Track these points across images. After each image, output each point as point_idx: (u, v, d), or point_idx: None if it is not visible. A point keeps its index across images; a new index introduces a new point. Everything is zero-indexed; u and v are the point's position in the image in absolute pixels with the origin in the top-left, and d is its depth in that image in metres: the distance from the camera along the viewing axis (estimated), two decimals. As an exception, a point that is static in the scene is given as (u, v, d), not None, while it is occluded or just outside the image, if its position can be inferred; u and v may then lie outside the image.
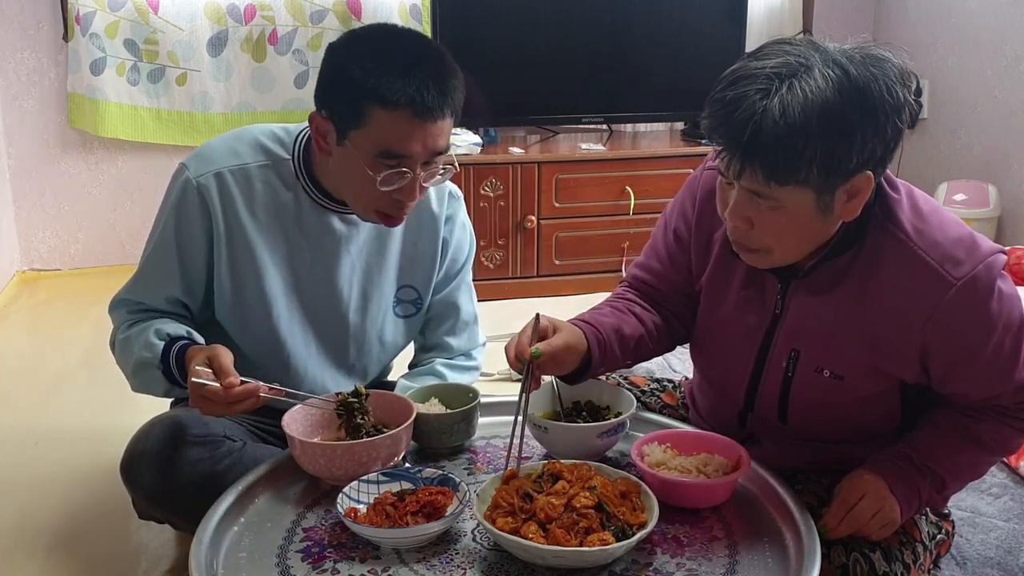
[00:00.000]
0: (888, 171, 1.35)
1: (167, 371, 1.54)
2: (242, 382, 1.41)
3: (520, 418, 1.39)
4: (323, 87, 1.52)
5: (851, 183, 1.24)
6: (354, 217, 1.64)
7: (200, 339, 1.58)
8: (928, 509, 1.53)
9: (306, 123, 1.59)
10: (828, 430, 1.48)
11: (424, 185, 1.53)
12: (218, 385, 1.39)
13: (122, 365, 1.65)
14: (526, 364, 1.37)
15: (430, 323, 1.85)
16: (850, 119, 1.18)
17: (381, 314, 1.75)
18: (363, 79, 1.44)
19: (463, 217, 1.81)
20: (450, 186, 1.75)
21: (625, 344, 1.51)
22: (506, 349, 1.41)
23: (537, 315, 1.42)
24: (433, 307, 1.82)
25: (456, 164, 1.57)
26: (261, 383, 1.43)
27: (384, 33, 1.53)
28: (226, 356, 1.43)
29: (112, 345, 1.68)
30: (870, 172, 1.23)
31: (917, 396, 1.44)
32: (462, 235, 1.81)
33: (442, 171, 1.54)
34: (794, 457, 1.52)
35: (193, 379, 1.39)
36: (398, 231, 1.71)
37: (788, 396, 1.45)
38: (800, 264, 1.37)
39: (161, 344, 1.54)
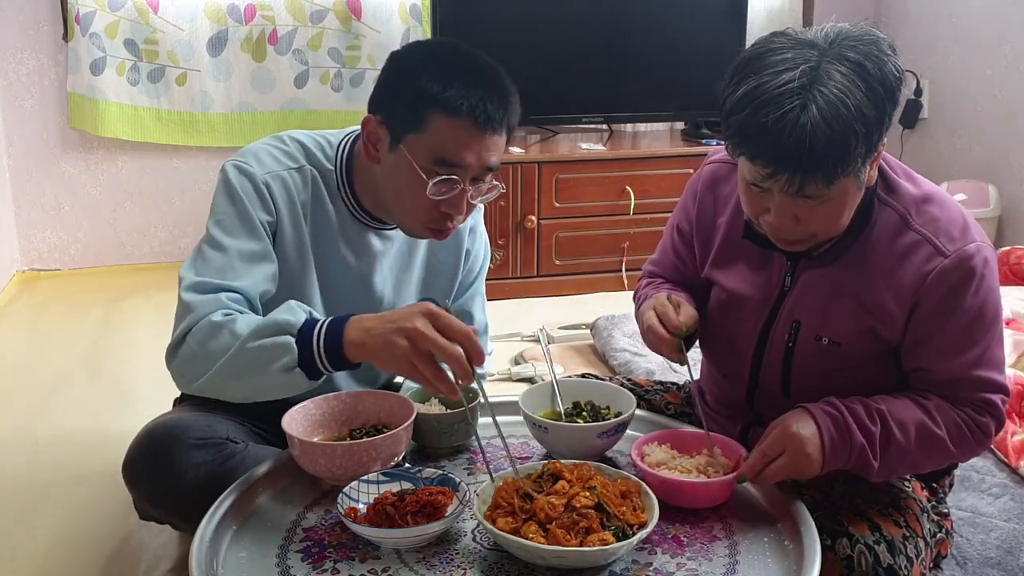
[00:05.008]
0: (887, 153, 1.44)
1: (309, 365, 1.36)
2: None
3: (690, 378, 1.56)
4: (383, 91, 1.51)
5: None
6: (389, 233, 1.64)
7: (318, 315, 1.42)
8: (929, 507, 1.53)
9: (344, 135, 1.59)
10: None
11: (472, 201, 1.52)
12: (457, 350, 1.29)
13: (217, 355, 1.39)
14: (683, 336, 1.47)
15: None
16: (879, 105, 1.27)
17: None
18: (427, 84, 1.45)
19: (482, 226, 1.81)
20: None
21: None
22: (649, 333, 1.49)
23: (668, 295, 1.52)
24: None
25: (503, 185, 1.56)
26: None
27: (449, 45, 1.54)
28: (440, 311, 1.32)
29: (187, 330, 1.42)
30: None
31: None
32: (480, 244, 1.81)
33: (490, 188, 1.53)
34: None
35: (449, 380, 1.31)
36: (424, 244, 1.71)
37: (790, 366, 1.49)
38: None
39: (293, 340, 1.36)
